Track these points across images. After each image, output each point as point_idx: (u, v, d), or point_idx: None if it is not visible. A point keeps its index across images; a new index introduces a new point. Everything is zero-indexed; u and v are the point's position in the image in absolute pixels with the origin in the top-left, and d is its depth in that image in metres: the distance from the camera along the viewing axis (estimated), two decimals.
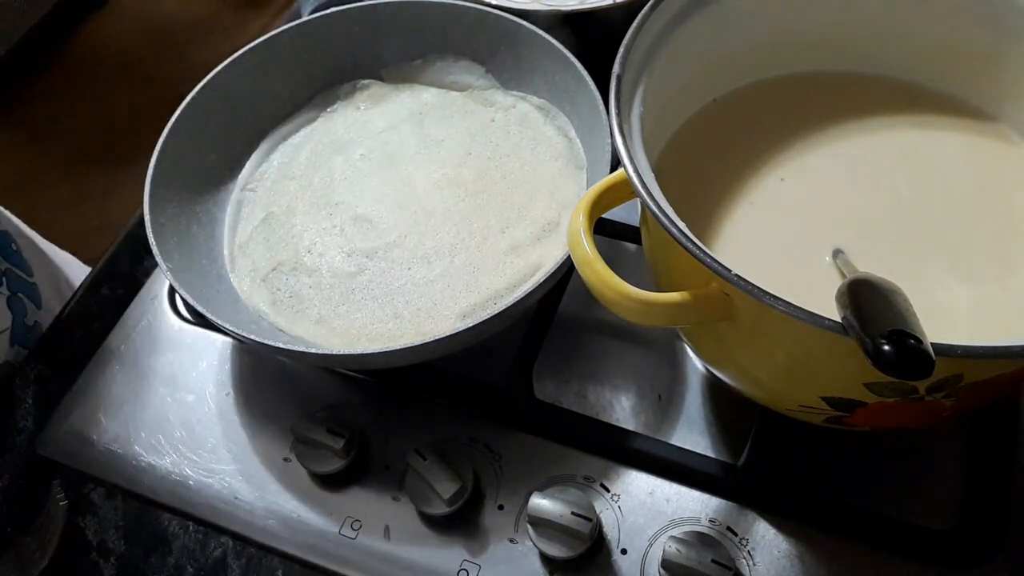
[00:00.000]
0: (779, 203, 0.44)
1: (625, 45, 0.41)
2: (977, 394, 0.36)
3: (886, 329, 0.29)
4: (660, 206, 0.35)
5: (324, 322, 0.52)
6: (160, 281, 0.60)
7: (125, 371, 0.56)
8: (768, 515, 0.46)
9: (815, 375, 0.38)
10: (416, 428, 0.51)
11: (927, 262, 0.41)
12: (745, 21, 0.46)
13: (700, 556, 0.42)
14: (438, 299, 0.52)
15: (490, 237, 0.54)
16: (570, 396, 0.52)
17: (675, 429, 0.50)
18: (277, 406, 0.53)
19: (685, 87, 0.46)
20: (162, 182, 0.54)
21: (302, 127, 0.62)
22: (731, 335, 0.39)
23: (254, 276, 0.55)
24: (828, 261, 0.41)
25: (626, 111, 0.40)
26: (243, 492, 0.50)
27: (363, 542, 0.48)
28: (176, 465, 0.52)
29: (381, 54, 0.63)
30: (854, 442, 0.48)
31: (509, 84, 0.61)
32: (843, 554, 0.45)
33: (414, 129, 0.60)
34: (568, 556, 0.45)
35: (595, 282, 0.37)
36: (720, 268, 0.33)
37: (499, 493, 0.48)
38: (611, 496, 0.47)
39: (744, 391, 0.44)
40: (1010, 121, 0.46)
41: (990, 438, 0.48)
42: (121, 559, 0.49)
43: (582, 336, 0.54)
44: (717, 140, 0.47)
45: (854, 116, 0.47)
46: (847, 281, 0.33)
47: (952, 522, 0.46)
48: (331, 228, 0.56)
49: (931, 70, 0.48)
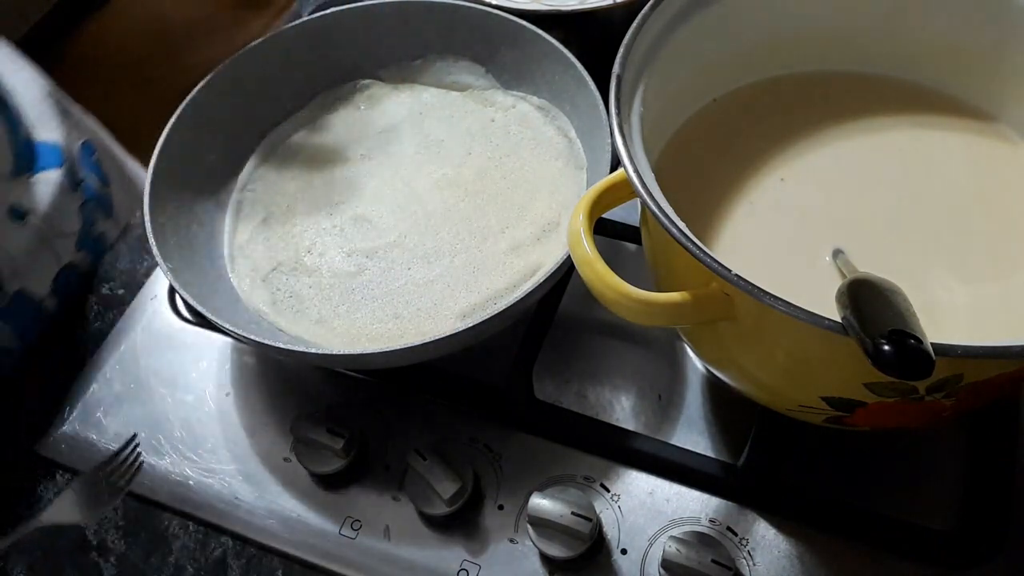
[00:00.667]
0: (779, 203, 0.44)
1: (625, 45, 0.41)
2: (977, 394, 0.36)
3: (886, 329, 0.29)
4: (660, 206, 0.35)
5: (324, 322, 0.52)
6: (160, 281, 0.60)
7: (125, 371, 0.56)
8: (768, 515, 0.46)
9: (815, 375, 0.38)
10: (416, 428, 0.51)
11: (927, 262, 0.41)
12: (745, 21, 0.46)
13: (700, 556, 0.42)
14: (438, 299, 0.52)
15: (490, 237, 0.54)
16: (570, 396, 0.52)
17: (675, 429, 0.50)
18: (277, 406, 0.53)
19: (685, 87, 0.46)
20: (162, 182, 0.54)
21: (302, 127, 0.62)
22: (731, 335, 0.39)
23: (254, 276, 0.55)
24: (828, 261, 0.41)
25: (626, 111, 0.40)
26: (243, 492, 0.50)
27: (363, 542, 0.48)
28: (176, 465, 0.52)
29: (381, 54, 0.63)
30: (854, 442, 0.48)
31: (509, 84, 0.61)
32: (843, 554, 0.45)
33: (414, 129, 0.60)
34: (568, 556, 0.45)
35: (595, 282, 0.37)
36: (720, 268, 0.33)
37: (499, 493, 0.48)
38: (611, 496, 0.47)
39: (744, 391, 0.44)
40: (1010, 121, 0.46)
41: (990, 438, 0.48)
42: (121, 559, 0.49)
43: (582, 336, 0.54)
44: (717, 140, 0.47)
45: (854, 116, 0.47)
46: (847, 281, 0.33)
47: (952, 522, 0.46)
48: (331, 228, 0.56)
49: (931, 70, 0.48)
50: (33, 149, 0.61)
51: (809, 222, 0.43)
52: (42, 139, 0.63)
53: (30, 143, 0.62)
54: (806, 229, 0.43)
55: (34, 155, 0.61)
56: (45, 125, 0.64)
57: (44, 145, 0.63)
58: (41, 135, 0.63)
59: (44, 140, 0.63)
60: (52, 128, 0.64)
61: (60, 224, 0.61)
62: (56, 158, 0.62)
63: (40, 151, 0.62)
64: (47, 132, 0.64)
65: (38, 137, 0.63)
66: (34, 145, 0.62)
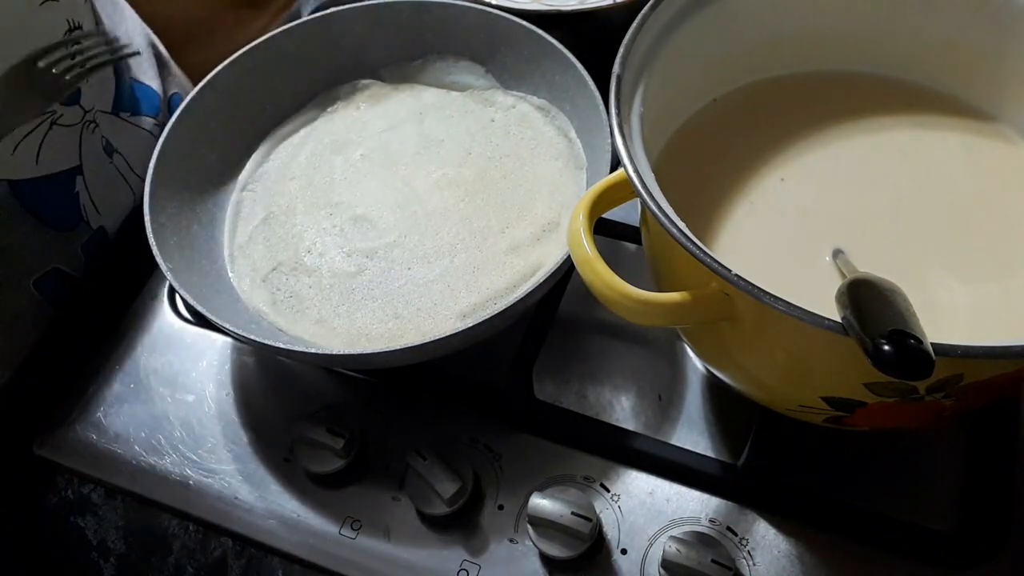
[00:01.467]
0: (779, 203, 0.44)
1: (625, 45, 0.41)
2: (977, 394, 0.36)
3: (886, 329, 0.29)
4: (660, 206, 0.35)
5: (324, 322, 0.52)
6: (160, 281, 0.60)
7: (125, 371, 0.56)
8: (768, 515, 0.46)
9: (815, 375, 0.38)
10: (416, 428, 0.51)
11: (927, 262, 0.41)
12: (745, 21, 0.46)
13: (700, 556, 0.42)
14: (438, 299, 0.52)
15: (490, 237, 0.54)
16: (570, 396, 0.52)
17: (675, 429, 0.50)
18: (277, 406, 0.53)
19: (685, 87, 0.46)
20: (162, 182, 0.54)
21: (302, 127, 0.62)
22: (731, 335, 0.39)
23: (254, 276, 0.55)
24: (828, 261, 0.41)
25: (626, 111, 0.40)
26: (243, 492, 0.50)
27: (363, 542, 0.48)
28: (176, 465, 0.52)
29: (381, 54, 0.63)
30: (854, 442, 0.48)
31: (509, 84, 0.61)
32: (843, 554, 0.45)
33: (414, 129, 0.60)
34: (568, 556, 0.45)
35: (595, 282, 0.37)
36: (720, 268, 0.33)
37: (499, 493, 0.48)
38: (611, 496, 0.47)
39: (744, 391, 0.44)
40: (1010, 121, 0.46)
41: (990, 438, 0.48)
42: (121, 559, 0.49)
43: (582, 336, 0.54)
44: (717, 140, 0.47)
45: (854, 116, 0.47)
46: (847, 281, 0.33)
47: (952, 522, 0.46)
48: (331, 228, 0.56)
49: (931, 70, 0.48)
50: (134, 91, 0.63)
51: (809, 222, 0.43)
52: (143, 82, 0.65)
53: (132, 85, 0.63)
54: (806, 229, 0.43)
55: (135, 97, 0.63)
56: (145, 72, 0.66)
57: (146, 88, 0.65)
58: (142, 80, 0.65)
59: (145, 83, 0.65)
60: (151, 76, 0.66)
61: (136, 168, 0.62)
62: (154, 106, 0.65)
63: (141, 94, 0.64)
64: (147, 78, 0.66)
65: (140, 79, 0.65)
66: (134, 88, 0.64)
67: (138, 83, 0.65)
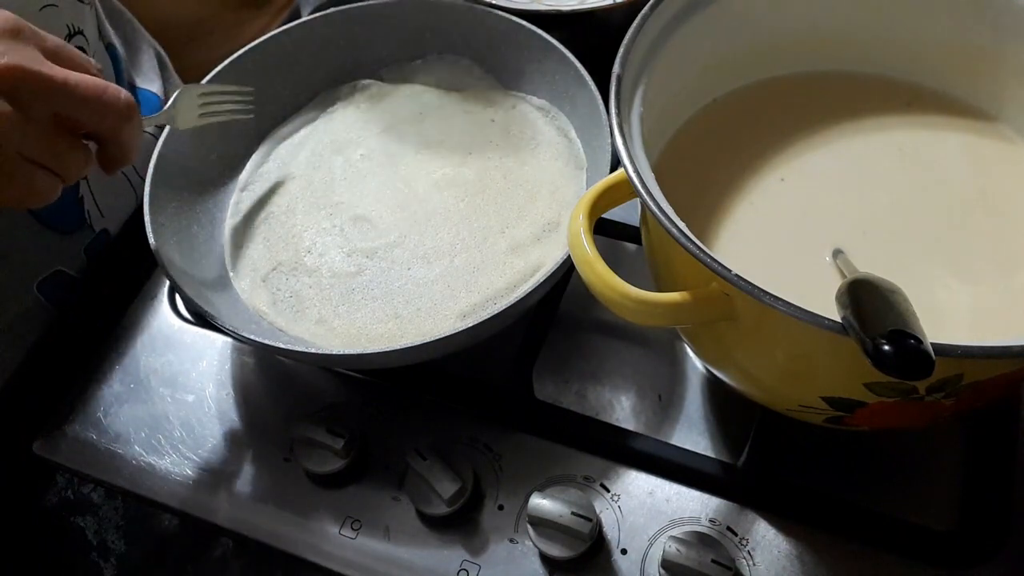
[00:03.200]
0: (779, 203, 0.44)
1: (625, 45, 0.41)
2: (977, 394, 0.36)
3: (886, 329, 0.29)
4: (660, 206, 0.35)
5: (324, 322, 0.52)
6: (160, 281, 0.60)
7: (125, 371, 0.56)
8: (768, 515, 0.46)
9: (815, 375, 0.38)
10: (416, 428, 0.51)
11: (927, 262, 0.41)
12: (745, 21, 0.46)
13: (700, 556, 0.42)
14: (438, 299, 0.52)
15: (490, 237, 0.54)
16: (570, 396, 0.52)
17: (675, 429, 0.50)
18: (277, 406, 0.53)
19: (685, 87, 0.46)
20: (162, 182, 0.54)
21: (302, 127, 0.62)
22: (731, 335, 0.39)
23: (254, 276, 0.55)
24: (828, 261, 0.41)
25: (626, 111, 0.40)
26: (243, 492, 0.50)
27: (363, 542, 0.48)
28: (176, 465, 0.52)
29: (381, 54, 0.63)
30: (854, 442, 0.48)
31: (509, 84, 0.61)
32: (843, 554, 0.45)
33: (414, 129, 0.60)
34: (568, 556, 0.45)
35: (595, 282, 0.37)
36: (720, 268, 0.33)
37: (499, 493, 0.48)
38: (611, 496, 0.47)
39: (744, 391, 0.44)
40: (1010, 121, 0.46)
41: (990, 438, 0.48)
42: (121, 559, 0.49)
43: (582, 336, 0.54)
44: (717, 140, 0.47)
45: (854, 116, 0.47)
46: (847, 281, 0.33)
47: (952, 522, 0.46)
48: (331, 228, 0.56)
49: (931, 70, 0.48)
50: (136, 96, 0.63)
51: (809, 222, 0.43)
52: (143, 87, 0.65)
53: (132, 88, 0.64)
54: (806, 229, 0.43)
55: (136, 100, 0.63)
56: (146, 76, 0.66)
57: (146, 92, 0.65)
58: (142, 84, 0.65)
59: (145, 88, 0.65)
60: (152, 79, 0.67)
61: (139, 170, 0.63)
62: (155, 108, 0.65)
63: (142, 97, 0.65)
64: (147, 83, 0.66)
65: (141, 84, 0.65)
66: (136, 91, 0.64)
67: (139, 88, 0.65)
